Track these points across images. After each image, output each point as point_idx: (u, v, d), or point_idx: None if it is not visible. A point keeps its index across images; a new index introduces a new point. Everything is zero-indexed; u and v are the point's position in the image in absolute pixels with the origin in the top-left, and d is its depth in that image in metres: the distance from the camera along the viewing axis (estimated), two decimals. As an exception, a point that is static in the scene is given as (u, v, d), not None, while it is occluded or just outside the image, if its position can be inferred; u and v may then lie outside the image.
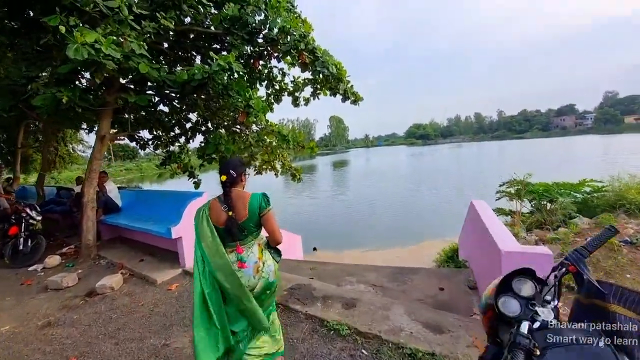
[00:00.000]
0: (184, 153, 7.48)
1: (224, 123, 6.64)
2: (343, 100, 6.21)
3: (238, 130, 6.70)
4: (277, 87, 7.20)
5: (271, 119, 6.76)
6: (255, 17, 5.45)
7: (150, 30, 4.65)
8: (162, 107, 6.48)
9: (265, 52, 6.17)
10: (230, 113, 5.95)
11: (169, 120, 6.76)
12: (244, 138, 6.71)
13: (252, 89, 6.23)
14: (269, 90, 7.22)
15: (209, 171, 7.73)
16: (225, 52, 5.76)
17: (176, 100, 6.11)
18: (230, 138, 6.42)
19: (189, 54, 6.49)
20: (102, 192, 5.51)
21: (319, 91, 6.66)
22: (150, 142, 7.24)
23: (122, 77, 5.24)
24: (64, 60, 3.83)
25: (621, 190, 4.83)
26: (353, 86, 6.17)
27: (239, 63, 4.73)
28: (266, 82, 7.08)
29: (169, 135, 7.16)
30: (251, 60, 6.29)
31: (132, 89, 5.25)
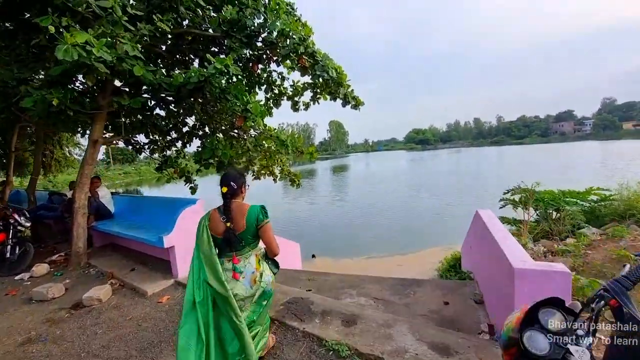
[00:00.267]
0: (180, 158, 7.34)
1: (222, 127, 6.49)
2: (343, 104, 6.08)
3: (236, 134, 6.56)
4: (277, 92, 7.08)
5: (270, 123, 6.62)
6: (255, 20, 5.35)
7: (145, 33, 4.52)
8: (159, 111, 6.34)
9: (264, 56, 6.06)
10: (228, 117, 5.81)
11: (165, 125, 6.62)
12: (241, 143, 6.57)
13: (251, 93, 6.11)
14: (268, 95, 7.10)
15: (206, 175, 7.58)
16: (223, 56, 5.63)
17: (172, 104, 5.97)
18: (227, 143, 6.28)
19: (187, 57, 6.38)
20: (94, 198, 5.35)
21: (318, 95, 6.54)
22: (146, 147, 7.10)
23: (116, 80, 5.12)
24: (56, 62, 3.71)
25: (630, 199, 4.69)
26: (353, 90, 6.04)
27: (236, 66, 4.60)
28: (265, 86, 6.96)
29: (165, 140, 7.01)
30: (250, 64, 6.18)
31: (127, 92, 5.11)
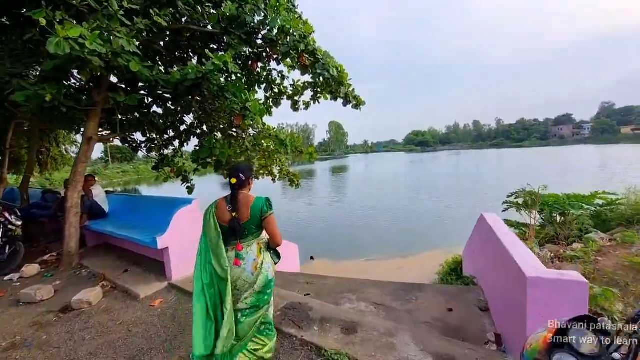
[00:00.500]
0: (177, 156, 7.21)
1: (220, 126, 6.37)
2: (344, 104, 5.96)
3: (234, 133, 6.44)
4: (276, 91, 6.96)
5: (270, 123, 6.51)
6: (255, 17, 5.24)
7: (142, 27, 4.40)
8: (156, 109, 6.22)
9: (264, 54, 5.94)
10: (226, 116, 5.69)
11: (162, 123, 6.50)
12: (240, 142, 6.44)
13: (250, 92, 5.99)
14: (268, 94, 6.98)
15: (205, 175, 7.46)
16: (222, 53, 5.53)
17: (170, 102, 5.85)
18: (226, 142, 6.16)
19: (185, 54, 6.26)
20: (88, 197, 5.22)
21: (319, 95, 6.43)
22: (143, 145, 6.97)
23: (112, 76, 5.00)
24: (50, 57, 3.60)
25: (638, 203, 4.58)
26: (354, 90, 5.93)
27: (235, 64, 4.48)
28: (265, 85, 6.84)
29: (162, 138, 6.89)
30: (249, 62, 6.06)
31: (123, 89, 4.99)
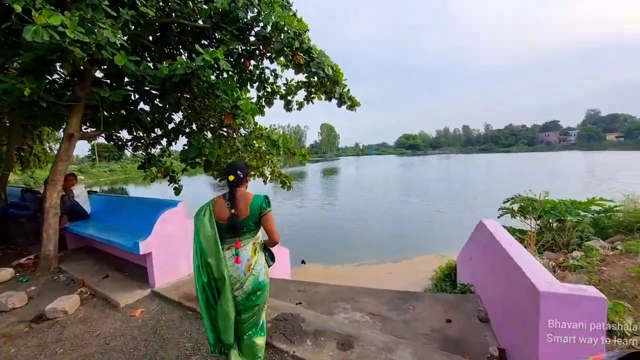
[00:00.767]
0: (165, 156, 6.96)
1: (210, 125, 6.15)
2: (339, 105, 5.82)
3: (225, 133, 6.24)
4: (269, 90, 6.78)
5: (262, 123, 6.33)
6: (248, 13, 5.07)
7: (128, 18, 4.20)
8: (143, 106, 5.98)
9: (257, 52, 5.77)
10: (217, 114, 5.49)
11: (150, 120, 6.25)
12: (231, 142, 6.24)
13: (242, 90, 5.81)
14: (260, 93, 6.80)
15: (194, 175, 7.24)
16: (213, 49, 5.34)
17: (157, 99, 5.62)
18: (216, 141, 5.95)
19: (175, 50, 6.04)
20: (69, 197, 4.95)
21: (313, 95, 6.28)
22: (129, 143, 6.70)
23: (96, 70, 4.77)
24: (29, 47, 3.37)
25: (637, 211, 4.54)
26: (349, 90, 5.80)
27: (227, 61, 4.29)
28: (257, 84, 6.66)
29: (149, 137, 6.63)
30: (242, 59, 5.87)
31: (108, 84, 4.75)
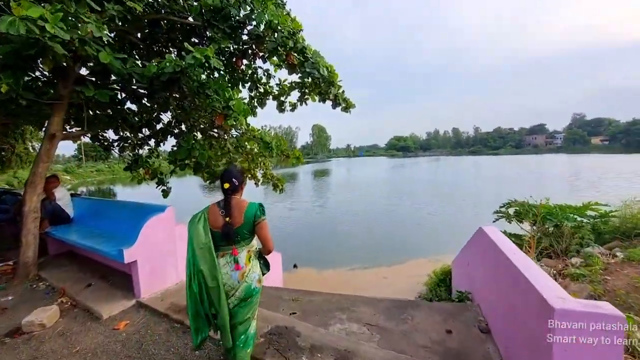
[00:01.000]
0: (153, 157, 6.74)
1: (200, 126, 5.97)
2: (333, 106, 5.70)
3: (215, 134, 6.06)
4: (262, 90, 6.62)
5: (253, 125, 6.16)
6: (240, 11, 4.92)
7: (114, 14, 4.01)
8: (130, 105, 5.76)
9: (249, 51, 5.61)
10: (207, 115, 5.31)
11: (137, 120, 6.03)
12: (221, 143, 6.07)
13: (233, 90, 5.64)
14: (253, 93, 6.64)
15: (184, 176, 7.04)
16: (204, 47, 5.17)
17: (145, 98, 5.42)
18: (206, 143, 5.78)
19: (164, 48, 5.83)
20: (50, 200, 4.71)
21: (307, 96, 6.15)
22: (115, 144, 6.47)
23: (80, 67, 4.56)
24: (6, 41, 3.16)
25: (634, 216, 4.53)
26: (344, 92, 5.68)
27: (218, 59, 4.13)
28: (250, 84, 6.50)
29: (136, 137, 6.40)
30: (233, 58, 5.71)
31: (93, 82, 4.54)
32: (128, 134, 6.31)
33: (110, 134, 6.38)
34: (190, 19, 4.96)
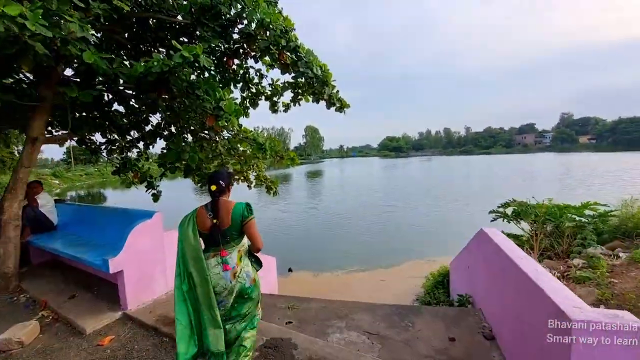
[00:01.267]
0: (142, 160, 6.53)
1: (190, 127, 5.79)
2: (328, 106, 5.58)
3: (206, 136, 5.88)
4: (254, 90, 6.46)
5: (246, 126, 6.00)
6: (231, 9, 4.77)
7: (99, 12, 3.83)
8: (118, 107, 5.57)
9: (240, 50, 5.46)
10: (197, 116, 5.14)
11: (125, 123, 5.84)
12: (213, 145, 5.90)
13: (224, 90, 5.49)
14: (245, 94, 6.47)
15: (176, 178, 6.87)
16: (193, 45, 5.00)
17: (133, 99, 5.23)
18: (197, 145, 5.61)
19: (153, 48, 5.65)
20: (32, 207, 4.49)
21: (300, 96, 6.02)
22: (103, 147, 6.26)
23: (64, 68, 4.38)
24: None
25: (633, 215, 4.50)
26: (339, 92, 5.57)
27: (208, 59, 3.98)
28: (241, 84, 6.33)
29: (124, 140, 6.19)
30: (224, 58, 5.55)
31: (78, 83, 4.35)
32: (116, 137, 6.12)
33: (97, 137, 6.18)
34: (180, 17, 4.80)
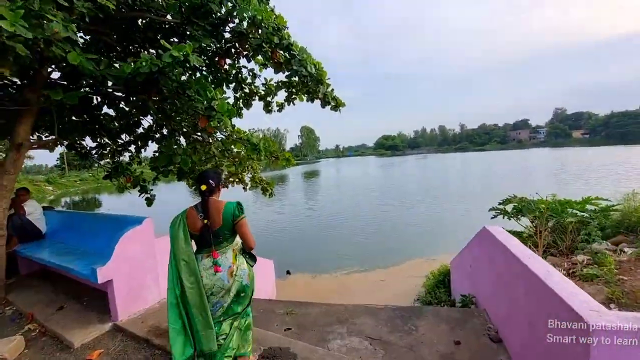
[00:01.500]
0: (134, 163, 6.38)
1: (183, 129, 5.65)
2: (323, 105, 5.47)
3: (199, 138, 5.75)
4: (247, 91, 6.33)
5: (239, 127, 5.86)
6: (222, 8, 4.65)
7: (83, 11, 3.69)
8: (107, 110, 5.42)
9: (232, 49, 5.33)
10: (189, 117, 5.00)
11: (117, 126, 5.68)
12: (206, 147, 5.76)
13: (216, 90, 5.37)
14: (238, 94, 6.34)
15: (172, 181, 6.74)
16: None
17: (122, 101, 5.09)
18: (189, 147, 5.47)
19: (142, 49, 5.51)
20: (19, 215, 4.33)
21: (294, 96, 5.90)
22: (93, 151, 6.10)
23: (51, 71, 4.23)
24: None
25: (636, 209, 4.42)
26: (334, 90, 5.46)
27: (199, 58, 3.85)
28: (234, 85, 6.20)
29: (115, 143, 6.04)
30: (216, 58, 5.42)
31: (64, 86, 4.21)
32: (107, 141, 5.96)
33: (88, 141, 6.02)
34: (169, 16, 4.67)
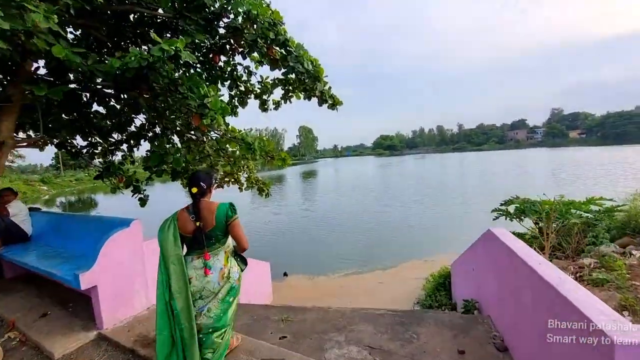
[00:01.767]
0: (127, 163, 6.21)
1: (176, 128, 5.49)
2: (320, 103, 5.32)
3: (193, 137, 5.58)
4: (242, 88, 6.17)
5: (238, 127, 5.71)
6: (215, 2, 4.50)
7: (69, 2, 3.52)
8: (98, 107, 5.25)
9: (227, 46, 5.18)
10: (182, 115, 4.84)
11: (108, 124, 5.51)
12: (200, 147, 5.60)
13: (209, 86, 5.22)
14: (233, 92, 6.18)
15: (167, 180, 6.58)
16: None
17: (112, 98, 4.92)
18: (184, 146, 5.31)
19: (133, 44, 5.34)
20: (2, 217, 4.16)
21: (291, 93, 5.74)
22: (84, 151, 5.91)
23: (38, 66, 4.06)
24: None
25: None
26: (331, 88, 5.31)
27: (192, 54, 3.69)
28: (229, 82, 6.04)
29: (107, 142, 5.86)
30: (210, 54, 5.27)
31: (46, 81, 4.03)
32: (98, 139, 5.78)
33: (79, 140, 5.84)
34: (161, 10, 4.51)
